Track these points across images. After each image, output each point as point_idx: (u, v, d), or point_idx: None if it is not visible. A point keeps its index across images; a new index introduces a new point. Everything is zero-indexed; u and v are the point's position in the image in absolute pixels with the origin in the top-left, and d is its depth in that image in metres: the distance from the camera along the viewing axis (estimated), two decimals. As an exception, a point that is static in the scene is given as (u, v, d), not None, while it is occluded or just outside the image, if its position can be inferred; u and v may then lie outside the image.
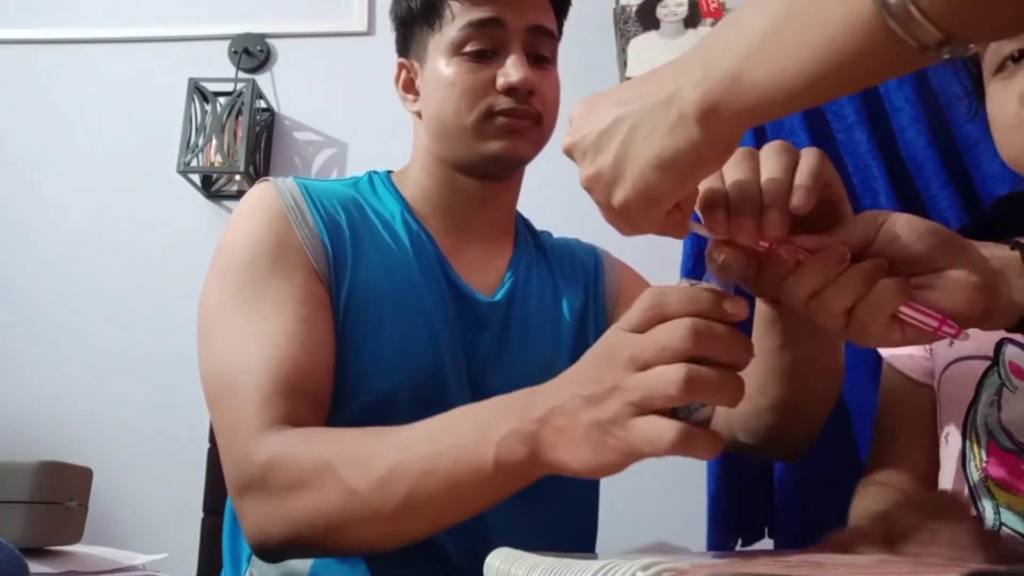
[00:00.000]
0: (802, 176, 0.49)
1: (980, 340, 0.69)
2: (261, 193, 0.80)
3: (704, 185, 0.50)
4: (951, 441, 0.70)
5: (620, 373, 0.47)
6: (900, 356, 0.78)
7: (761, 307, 0.67)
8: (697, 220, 0.51)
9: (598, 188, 0.47)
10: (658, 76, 0.45)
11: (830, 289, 0.48)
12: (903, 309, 0.47)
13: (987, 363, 0.68)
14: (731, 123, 0.41)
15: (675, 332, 0.45)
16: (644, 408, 0.45)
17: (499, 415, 0.54)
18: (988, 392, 0.67)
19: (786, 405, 0.72)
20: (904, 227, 0.49)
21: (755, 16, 0.39)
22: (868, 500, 0.72)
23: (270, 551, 0.64)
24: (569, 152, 0.50)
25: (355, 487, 0.58)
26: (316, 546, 0.63)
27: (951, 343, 0.72)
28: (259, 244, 0.75)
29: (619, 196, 0.46)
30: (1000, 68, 0.70)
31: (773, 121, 1.33)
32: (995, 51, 0.71)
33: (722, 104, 0.40)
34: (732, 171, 0.51)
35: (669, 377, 0.44)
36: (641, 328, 0.47)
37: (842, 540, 0.52)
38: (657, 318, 0.47)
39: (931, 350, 0.76)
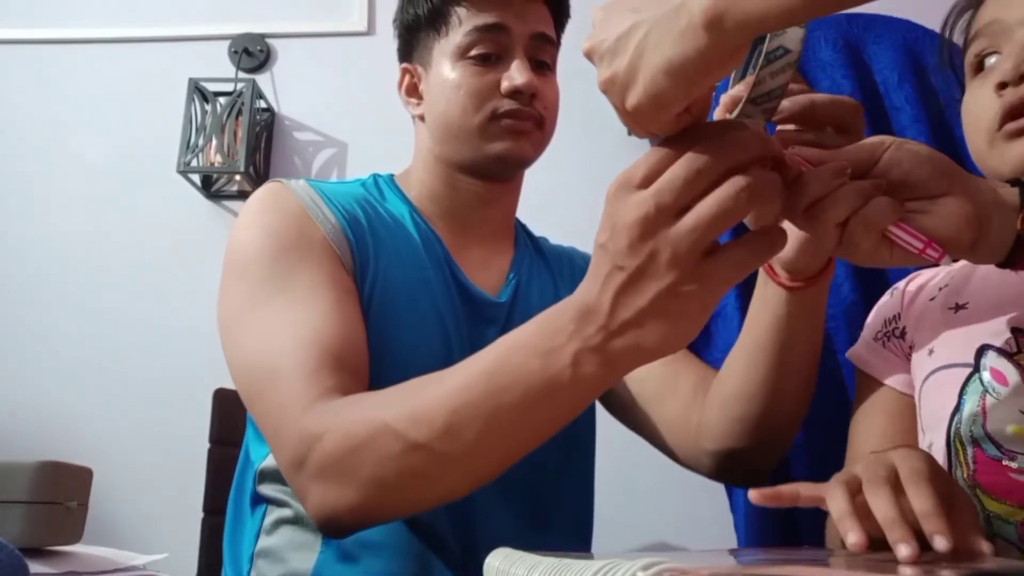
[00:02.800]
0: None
1: (959, 348, 0.69)
2: (274, 193, 0.80)
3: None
4: (935, 451, 0.70)
5: (655, 231, 0.46)
6: (877, 365, 0.78)
7: (759, 287, 0.72)
8: None
9: (613, 91, 0.48)
10: None
11: (826, 201, 0.50)
12: (891, 228, 0.50)
13: (968, 370, 0.67)
14: (735, 32, 0.42)
15: (695, 159, 0.45)
16: (707, 245, 0.46)
17: (556, 339, 0.51)
18: (971, 400, 0.67)
19: (763, 394, 0.75)
20: (907, 152, 0.51)
21: None
22: None
23: (343, 524, 0.63)
24: (588, 55, 0.51)
25: (417, 440, 0.57)
26: (388, 507, 0.62)
27: (930, 352, 0.72)
28: (281, 240, 0.75)
29: (632, 99, 0.47)
30: (975, 71, 0.72)
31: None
32: (970, 54, 0.72)
33: (727, 13, 0.41)
34: None
35: (729, 194, 0.45)
36: (648, 181, 0.47)
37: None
38: (665, 164, 0.47)
39: (910, 359, 0.75)
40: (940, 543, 0.44)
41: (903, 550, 0.43)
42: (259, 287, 0.73)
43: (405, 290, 0.80)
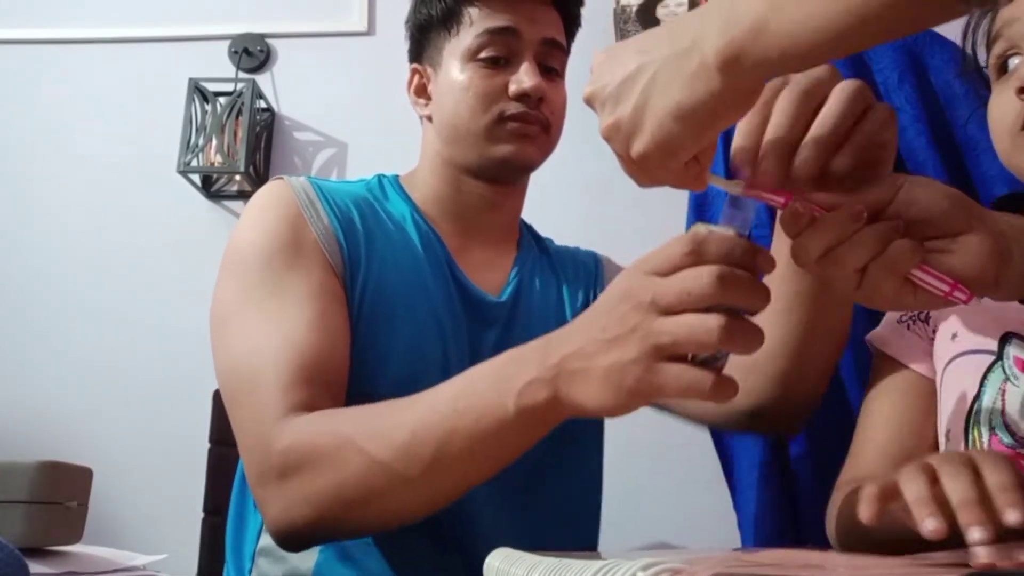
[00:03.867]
0: (859, 135, 0.49)
1: (984, 334, 0.68)
2: (274, 191, 0.80)
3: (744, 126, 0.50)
4: (952, 438, 0.70)
5: (642, 316, 0.47)
6: (900, 347, 0.77)
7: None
8: (715, 173, 0.51)
9: (617, 138, 0.47)
10: (679, 25, 0.45)
11: (844, 246, 0.48)
12: (915, 272, 0.48)
13: (991, 358, 0.67)
14: (752, 73, 0.41)
15: (703, 278, 0.45)
16: (671, 353, 0.47)
17: (517, 367, 0.55)
18: (992, 387, 0.67)
19: (795, 345, 0.72)
20: (922, 191, 0.49)
21: None
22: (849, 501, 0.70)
23: (298, 538, 0.64)
24: (589, 101, 0.49)
25: (378, 457, 0.59)
26: (345, 523, 0.63)
27: (954, 337, 0.72)
28: (274, 241, 0.75)
29: (638, 146, 0.45)
30: (999, 72, 0.72)
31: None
32: (993, 55, 0.72)
33: (745, 53, 0.40)
34: (776, 114, 0.49)
35: (707, 326, 0.45)
36: (669, 271, 0.47)
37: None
38: (691, 263, 0.47)
39: (933, 343, 0.75)
40: (1012, 516, 0.42)
41: (975, 534, 0.42)
42: (250, 289, 0.73)
43: (400, 292, 0.80)
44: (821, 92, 0.49)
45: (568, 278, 0.95)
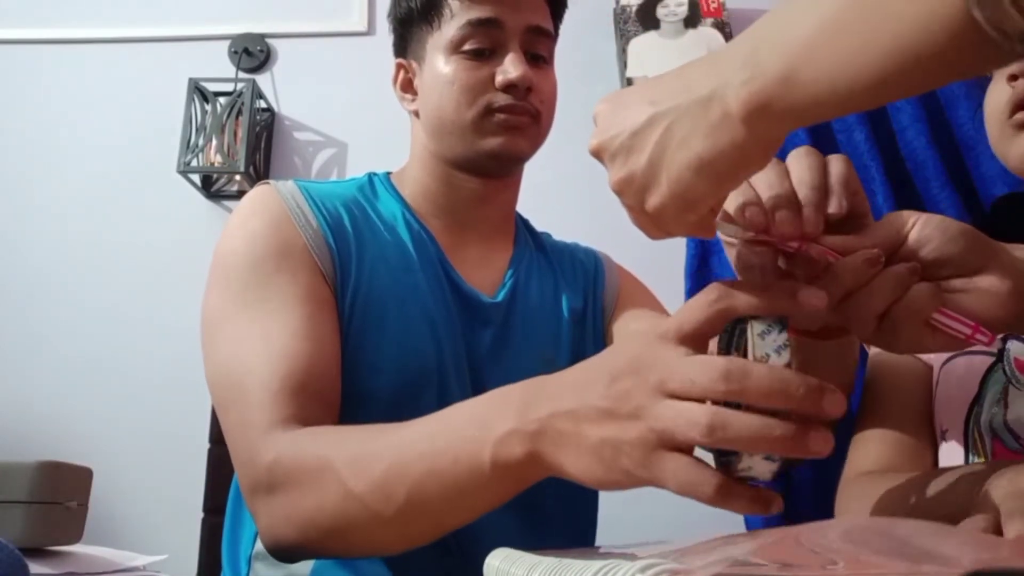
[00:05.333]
0: (834, 181, 0.48)
1: None
2: (261, 196, 0.79)
3: (734, 192, 0.47)
4: (950, 439, 0.69)
5: (647, 396, 0.43)
6: None
7: None
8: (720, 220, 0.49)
9: (630, 192, 0.45)
10: (694, 72, 0.43)
11: (862, 293, 0.46)
12: (936, 316, 0.46)
13: (990, 359, 0.67)
14: (779, 123, 0.39)
15: (707, 370, 0.41)
16: (665, 441, 0.42)
17: (498, 412, 0.51)
18: (993, 390, 0.66)
19: None
20: (935, 229, 0.48)
21: (808, 10, 0.37)
22: (865, 495, 0.70)
23: (283, 552, 0.64)
24: (596, 154, 0.47)
25: (354, 489, 0.57)
26: (325, 547, 0.62)
27: None
28: (262, 245, 0.74)
29: (654, 200, 0.44)
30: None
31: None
32: None
33: (773, 103, 0.38)
34: (761, 179, 0.48)
35: (693, 417, 0.40)
36: (693, 336, 0.43)
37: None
38: (720, 317, 0.43)
39: None
40: None
41: None
42: (239, 294, 0.72)
43: (392, 294, 0.79)
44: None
45: (566, 277, 0.94)
